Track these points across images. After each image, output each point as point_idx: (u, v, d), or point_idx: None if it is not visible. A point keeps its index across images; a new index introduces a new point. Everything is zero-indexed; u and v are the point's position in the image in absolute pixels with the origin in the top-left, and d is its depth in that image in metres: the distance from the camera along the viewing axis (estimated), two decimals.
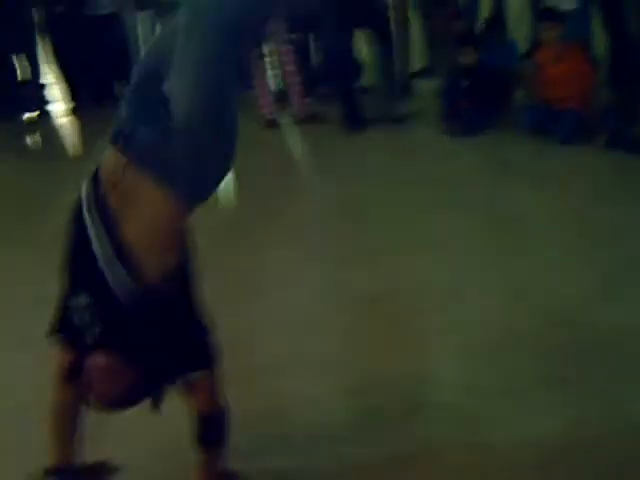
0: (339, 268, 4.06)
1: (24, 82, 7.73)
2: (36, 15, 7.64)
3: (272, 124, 6.70)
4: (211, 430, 2.42)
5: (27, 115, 7.67)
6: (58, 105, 7.89)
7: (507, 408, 2.89)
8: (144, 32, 7.79)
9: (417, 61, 7.62)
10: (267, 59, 6.80)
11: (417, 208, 4.80)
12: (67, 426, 2.44)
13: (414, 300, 3.72)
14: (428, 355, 3.27)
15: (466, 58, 6.19)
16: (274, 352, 3.33)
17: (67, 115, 7.65)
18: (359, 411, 2.94)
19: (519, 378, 3.07)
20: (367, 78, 7.04)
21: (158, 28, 7.70)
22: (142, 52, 7.69)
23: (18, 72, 7.68)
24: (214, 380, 2.39)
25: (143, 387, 2.29)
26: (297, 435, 2.84)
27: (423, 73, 7.58)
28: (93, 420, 2.46)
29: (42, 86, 7.89)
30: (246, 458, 2.68)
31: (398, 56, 7.16)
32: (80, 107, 7.71)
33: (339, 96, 6.59)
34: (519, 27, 7.16)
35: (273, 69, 6.98)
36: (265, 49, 6.67)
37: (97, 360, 2.22)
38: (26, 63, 7.62)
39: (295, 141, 6.38)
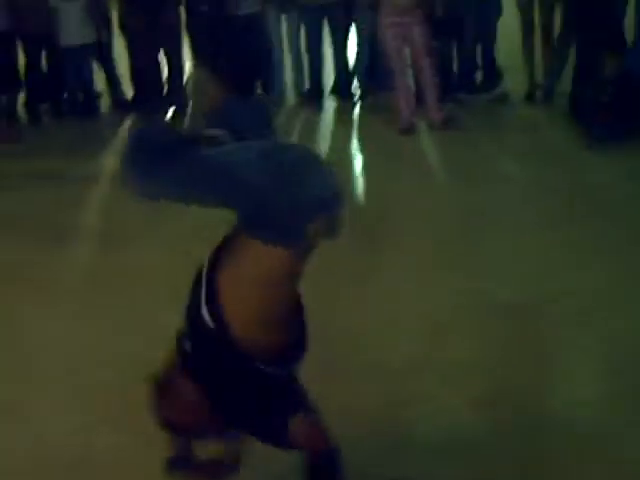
0: (470, 275, 3.99)
1: (168, 79, 7.98)
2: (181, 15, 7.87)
3: (408, 130, 6.68)
4: (320, 475, 2.31)
5: (170, 112, 7.92)
6: None
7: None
8: (288, 33, 7.93)
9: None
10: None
11: (554, 215, 4.68)
12: None
13: (554, 309, 3.61)
14: (567, 368, 3.17)
15: (611, 66, 6.01)
16: (403, 355, 3.30)
17: None
18: (486, 422, 2.88)
19: None
20: None
21: (302, 29, 7.85)
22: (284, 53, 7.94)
23: (165, 70, 7.95)
24: (312, 423, 2.26)
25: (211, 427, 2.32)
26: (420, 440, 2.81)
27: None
28: None
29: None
30: (365, 464, 2.66)
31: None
32: None
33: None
34: None
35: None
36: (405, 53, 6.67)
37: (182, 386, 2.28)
38: (170, 61, 7.87)
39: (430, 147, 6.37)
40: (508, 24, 7.89)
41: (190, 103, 2.68)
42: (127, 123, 7.75)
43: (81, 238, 4.84)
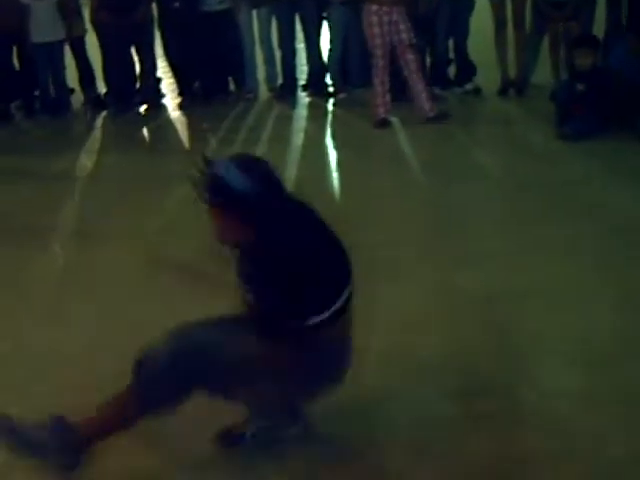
0: (451, 268, 4.00)
1: (140, 75, 7.94)
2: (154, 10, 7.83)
3: (383, 123, 6.69)
4: None
5: (142, 108, 7.88)
6: (168, 99, 8.09)
7: (620, 418, 2.79)
8: (260, 29, 7.90)
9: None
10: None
11: (525, 211, 4.72)
12: None
13: (526, 302, 3.63)
14: (540, 360, 3.18)
15: (582, 61, 6.06)
16: (376, 349, 3.30)
17: (177, 109, 7.83)
18: (463, 415, 2.88)
19: (634, 387, 2.96)
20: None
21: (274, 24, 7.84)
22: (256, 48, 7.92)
23: (137, 66, 7.90)
24: None
25: None
26: (399, 435, 2.81)
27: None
28: None
29: (157, 80, 8.10)
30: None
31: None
32: (192, 102, 7.88)
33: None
34: None
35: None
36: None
37: None
38: (142, 57, 7.82)
39: (404, 142, 6.38)
40: (481, 20, 7.93)
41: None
42: (100, 119, 7.70)
43: (54, 236, 4.79)
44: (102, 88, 8.08)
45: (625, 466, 2.57)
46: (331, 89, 8.07)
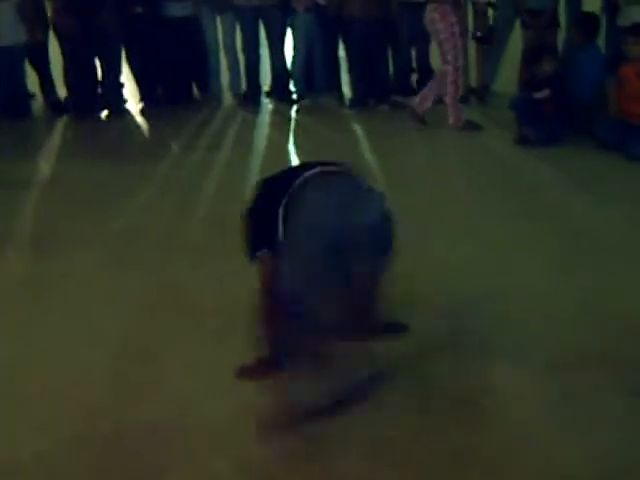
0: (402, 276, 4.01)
1: (102, 80, 7.88)
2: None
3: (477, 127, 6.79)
4: None
5: (104, 113, 7.83)
6: (131, 105, 8.05)
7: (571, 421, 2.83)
8: (224, 35, 7.90)
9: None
10: None
11: (481, 214, 4.78)
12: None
13: (491, 309, 3.66)
14: (507, 370, 3.21)
15: (546, 67, 6.15)
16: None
17: (139, 115, 7.79)
18: (422, 415, 2.91)
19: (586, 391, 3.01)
20: None
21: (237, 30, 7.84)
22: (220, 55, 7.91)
23: (99, 71, 7.84)
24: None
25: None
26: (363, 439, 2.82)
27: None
28: None
29: (120, 85, 8.04)
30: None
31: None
32: (155, 108, 7.84)
33: None
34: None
35: None
36: None
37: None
38: (105, 62, 7.77)
39: (367, 149, 6.41)
40: None
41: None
42: (60, 125, 7.63)
43: (13, 244, 4.74)
44: (62, 92, 8.00)
45: (577, 467, 2.61)
46: (295, 96, 8.08)
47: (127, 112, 7.94)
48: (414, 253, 4.27)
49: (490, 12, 7.62)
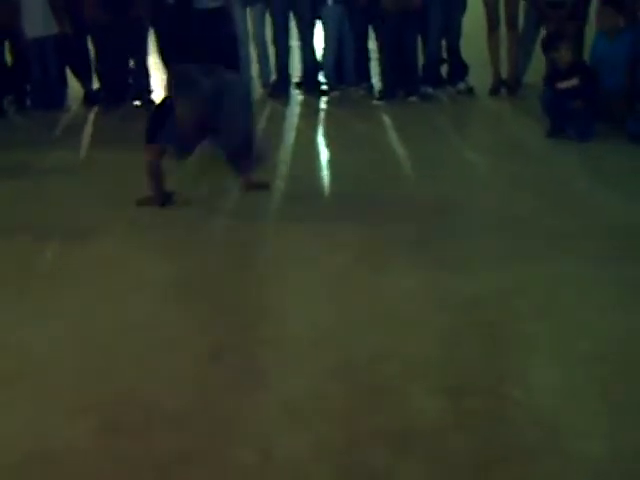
0: (435, 270, 4.01)
1: (133, 71, 7.93)
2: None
3: None
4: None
5: (135, 102, 7.88)
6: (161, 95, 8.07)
7: (603, 415, 2.81)
8: (254, 26, 7.91)
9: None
10: None
11: (515, 210, 4.74)
12: (159, 173, 4.92)
13: (511, 304, 3.65)
14: (525, 360, 3.21)
15: (564, 55, 6.08)
16: (370, 348, 3.32)
17: None
18: (451, 413, 2.90)
19: (617, 385, 2.98)
20: None
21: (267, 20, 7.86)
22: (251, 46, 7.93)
23: (130, 61, 7.89)
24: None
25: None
26: (391, 432, 2.82)
27: None
28: None
29: (149, 75, 8.08)
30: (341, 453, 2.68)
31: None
32: None
33: None
34: None
35: None
36: None
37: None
38: (135, 53, 7.81)
39: (397, 140, 6.40)
40: (474, 19, 7.96)
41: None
42: (92, 114, 7.70)
43: (50, 230, 4.77)
44: (95, 83, 8.06)
45: (606, 464, 2.59)
46: (324, 87, 8.08)
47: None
48: (445, 245, 4.28)
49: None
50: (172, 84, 4.90)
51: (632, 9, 6.60)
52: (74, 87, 8.21)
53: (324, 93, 8.00)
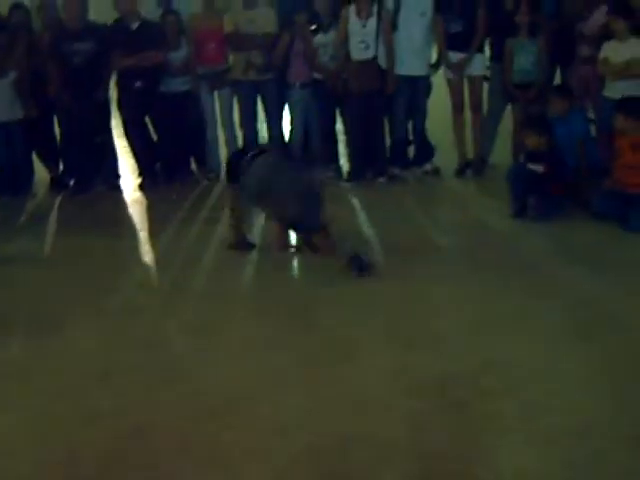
0: (405, 349, 3.97)
1: (100, 156, 7.91)
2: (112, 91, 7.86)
3: None
4: None
5: (102, 188, 7.84)
6: (128, 180, 8.05)
7: None
8: (221, 109, 7.97)
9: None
10: None
11: (482, 290, 4.73)
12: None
13: (480, 382, 3.60)
14: (497, 441, 3.14)
15: (532, 141, 6.17)
16: (336, 433, 3.24)
17: (137, 190, 7.78)
18: None
19: (597, 469, 2.92)
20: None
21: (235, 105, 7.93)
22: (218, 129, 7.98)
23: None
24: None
25: None
26: None
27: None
28: None
29: (117, 160, 8.06)
30: None
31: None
32: (153, 182, 7.85)
33: None
34: None
35: None
36: None
37: None
38: (102, 137, 7.80)
39: (363, 221, 6.41)
40: (440, 102, 8.09)
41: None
42: (57, 200, 7.63)
43: (12, 322, 4.67)
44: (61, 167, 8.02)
45: None
46: None
47: (125, 187, 7.92)
48: (412, 324, 4.25)
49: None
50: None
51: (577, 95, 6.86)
52: (40, 172, 8.15)
53: None
